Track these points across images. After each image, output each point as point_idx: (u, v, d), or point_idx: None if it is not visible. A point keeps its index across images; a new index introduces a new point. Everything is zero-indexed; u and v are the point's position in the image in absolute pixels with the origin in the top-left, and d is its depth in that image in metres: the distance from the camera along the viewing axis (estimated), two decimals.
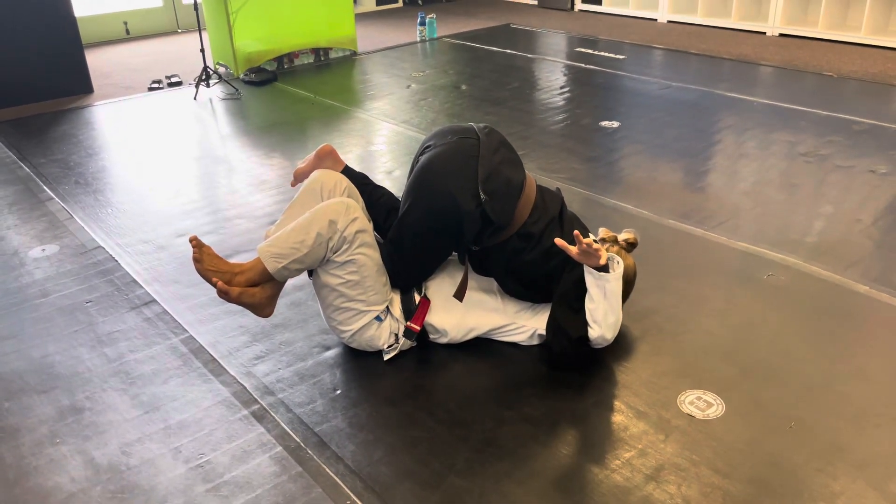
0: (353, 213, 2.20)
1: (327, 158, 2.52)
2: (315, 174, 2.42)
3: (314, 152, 2.53)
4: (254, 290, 2.21)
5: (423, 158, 2.30)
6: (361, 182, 2.49)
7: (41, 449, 2.07)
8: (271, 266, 2.18)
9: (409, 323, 2.37)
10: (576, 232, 2.13)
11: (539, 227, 2.28)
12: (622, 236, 2.46)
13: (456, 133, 2.32)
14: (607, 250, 2.37)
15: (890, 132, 4.20)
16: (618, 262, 2.22)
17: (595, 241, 2.39)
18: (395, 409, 2.20)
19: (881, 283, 2.73)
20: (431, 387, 2.28)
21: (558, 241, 2.16)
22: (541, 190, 2.39)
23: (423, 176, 2.26)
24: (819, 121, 4.43)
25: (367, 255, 2.24)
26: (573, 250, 2.16)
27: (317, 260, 2.20)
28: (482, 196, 2.18)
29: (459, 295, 2.36)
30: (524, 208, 2.28)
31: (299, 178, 2.55)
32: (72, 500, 1.89)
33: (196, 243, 2.16)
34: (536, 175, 3.74)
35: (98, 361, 2.44)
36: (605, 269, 2.18)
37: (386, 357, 2.38)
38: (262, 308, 2.26)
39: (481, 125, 2.36)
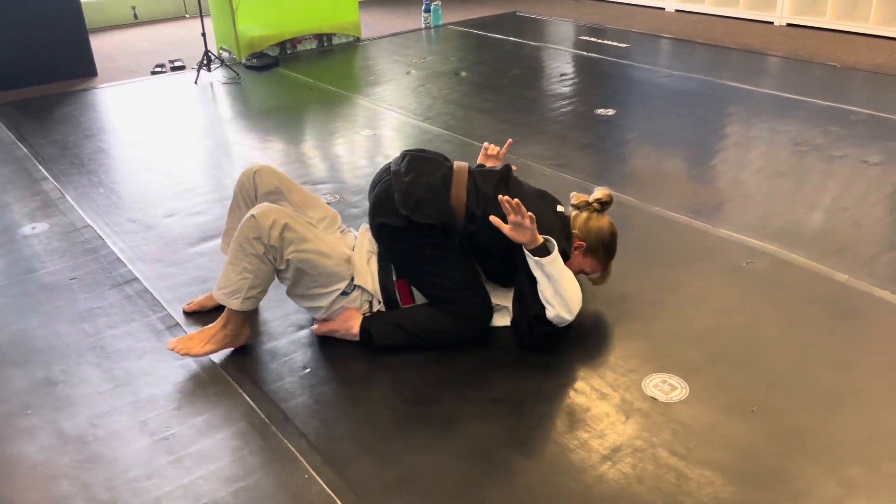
0: (269, 219, 2.19)
1: None
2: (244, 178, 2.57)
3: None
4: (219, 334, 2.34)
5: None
6: None
7: (10, 419, 2.11)
8: (234, 305, 2.25)
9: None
10: (501, 196, 2.11)
11: (481, 207, 2.25)
12: (594, 196, 2.44)
13: (376, 183, 2.37)
14: (587, 217, 2.39)
15: (887, 122, 4.15)
16: (554, 244, 2.19)
17: (573, 204, 2.44)
18: (362, 387, 2.22)
19: (861, 272, 2.70)
20: (401, 367, 2.30)
21: (493, 218, 2.15)
22: (473, 174, 2.34)
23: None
24: (818, 110, 4.39)
25: (300, 249, 2.24)
26: (505, 227, 2.15)
27: (270, 274, 2.28)
28: (404, 213, 2.22)
29: None
30: (458, 196, 2.25)
31: None
32: (38, 469, 1.93)
33: (174, 347, 2.30)
34: (526, 163, 3.74)
35: (76, 336, 2.48)
36: (544, 250, 2.17)
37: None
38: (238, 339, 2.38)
39: (398, 157, 2.39)
